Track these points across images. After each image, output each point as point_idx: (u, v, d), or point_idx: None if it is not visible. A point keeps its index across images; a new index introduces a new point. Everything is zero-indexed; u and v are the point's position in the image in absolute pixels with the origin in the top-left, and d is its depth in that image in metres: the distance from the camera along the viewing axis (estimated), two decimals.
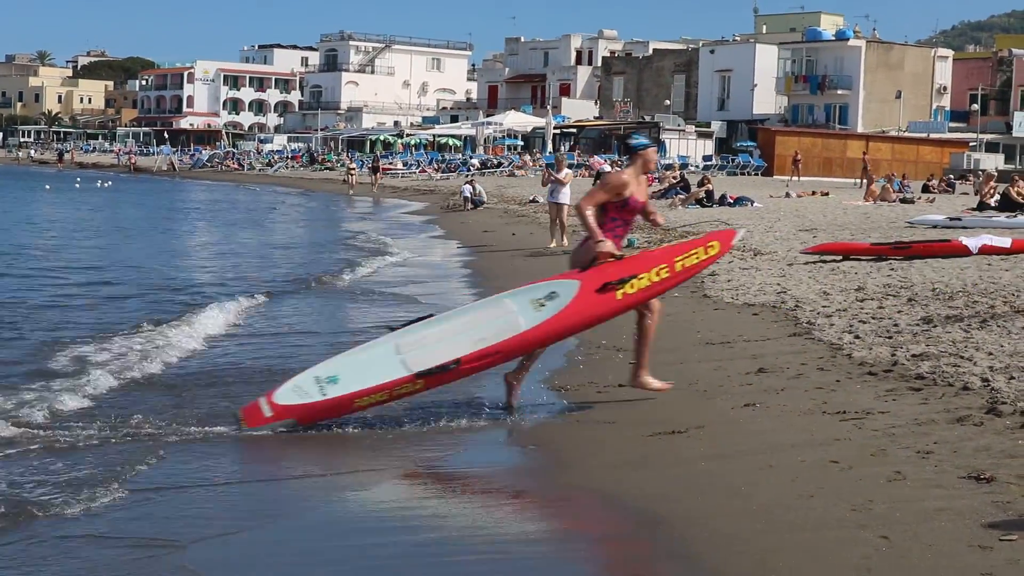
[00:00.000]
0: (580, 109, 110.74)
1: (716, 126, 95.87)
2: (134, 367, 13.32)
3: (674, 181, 47.00)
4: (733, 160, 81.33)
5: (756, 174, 76.76)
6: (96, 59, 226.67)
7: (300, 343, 15.76)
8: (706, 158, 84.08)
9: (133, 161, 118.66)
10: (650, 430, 10.13)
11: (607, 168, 43.76)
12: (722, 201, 41.97)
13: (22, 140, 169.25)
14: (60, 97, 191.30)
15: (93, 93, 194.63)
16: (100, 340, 15.09)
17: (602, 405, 11.41)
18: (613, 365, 13.24)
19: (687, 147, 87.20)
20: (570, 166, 73.53)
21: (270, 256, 31.08)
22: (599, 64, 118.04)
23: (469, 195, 48.53)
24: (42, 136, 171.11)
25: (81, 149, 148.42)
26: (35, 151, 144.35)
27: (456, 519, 8.26)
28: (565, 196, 28.72)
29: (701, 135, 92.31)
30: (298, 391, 10.54)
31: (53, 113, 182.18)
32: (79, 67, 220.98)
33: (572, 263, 11.34)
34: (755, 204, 41.86)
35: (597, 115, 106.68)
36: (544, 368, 13.52)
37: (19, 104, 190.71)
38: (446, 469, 9.71)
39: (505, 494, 8.92)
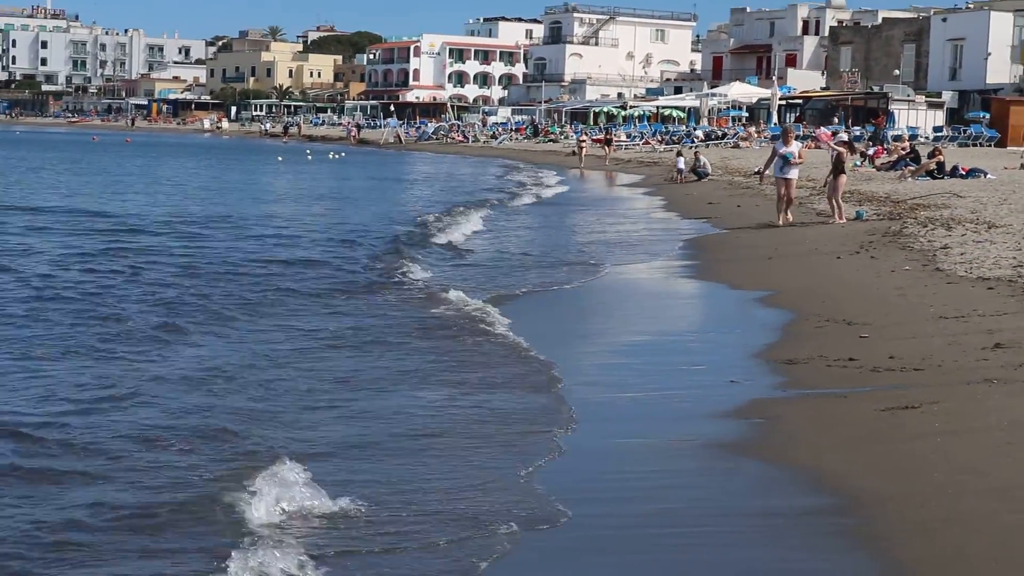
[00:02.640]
0: (806, 80, 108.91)
1: (947, 96, 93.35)
2: None
3: (904, 153, 45.98)
4: (964, 131, 79.17)
5: (989, 145, 74.60)
6: (325, 34, 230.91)
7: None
8: (936, 129, 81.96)
9: (355, 134, 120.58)
10: (882, 405, 9.94)
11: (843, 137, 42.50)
12: (953, 173, 40.88)
13: (254, 114, 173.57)
14: (290, 72, 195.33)
15: (322, 67, 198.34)
16: None
17: (832, 379, 11.24)
18: (841, 338, 13.02)
19: (917, 118, 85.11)
20: (796, 137, 72.87)
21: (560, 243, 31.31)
22: (826, 34, 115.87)
23: (683, 168, 48.22)
24: (273, 110, 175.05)
25: (311, 122, 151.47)
26: (270, 124, 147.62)
27: (682, 491, 8.27)
28: (793, 171, 26.99)
29: (931, 106, 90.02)
30: None
31: (284, 87, 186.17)
32: (309, 42, 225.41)
33: None
34: (988, 175, 40.69)
35: (824, 86, 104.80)
36: (770, 342, 13.41)
37: (252, 79, 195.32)
38: (670, 439, 9.67)
39: (725, 469, 8.85)
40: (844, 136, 48.34)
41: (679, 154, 52.18)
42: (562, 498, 8.05)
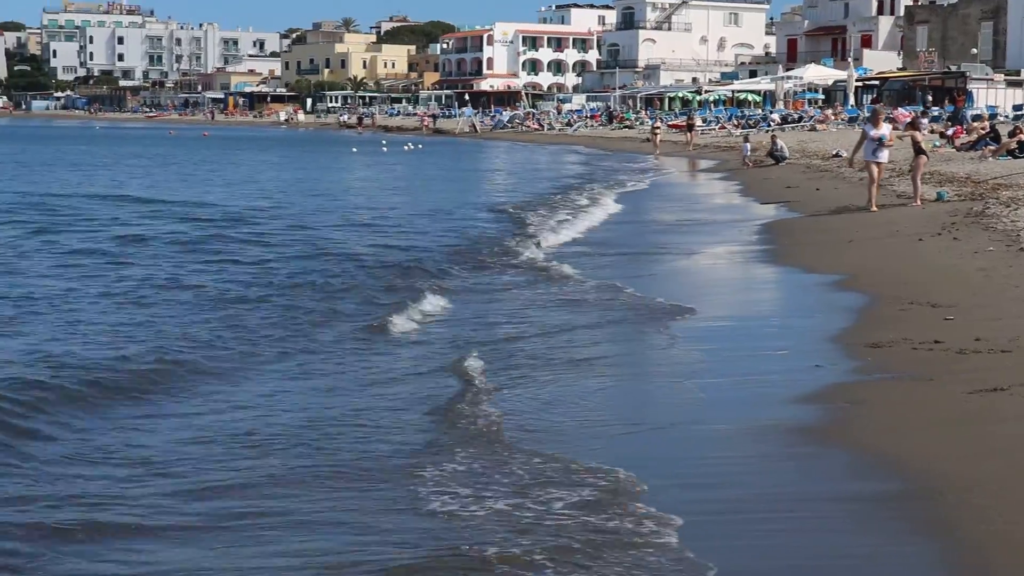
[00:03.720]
0: (882, 60, 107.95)
1: None
2: None
3: (983, 132, 45.50)
4: None
5: None
6: (399, 24, 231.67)
7: None
8: (1016, 107, 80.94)
9: (426, 124, 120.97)
10: (970, 387, 9.88)
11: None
12: None
13: (330, 106, 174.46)
14: (365, 63, 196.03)
15: (396, 58, 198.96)
16: None
17: (918, 362, 11.17)
18: (926, 320, 12.95)
19: (996, 97, 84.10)
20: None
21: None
22: (902, 13, 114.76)
23: (749, 153, 48.28)
24: (348, 101, 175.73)
25: (386, 113, 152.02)
26: (347, 116, 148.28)
27: (768, 475, 8.29)
28: (884, 154, 26.21)
29: (1011, 84, 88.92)
30: None
31: (358, 78, 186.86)
32: (382, 33, 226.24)
33: None
34: None
35: (900, 66, 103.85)
36: (853, 326, 13.37)
37: (326, 70, 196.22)
38: (756, 424, 9.68)
39: (811, 454, 8.84)
40: (907, 117, 47.89)
41: (746, 139, 52.11)
42: (646, 480, 8.09)
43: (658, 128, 70.75)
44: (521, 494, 7.83)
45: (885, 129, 26.59)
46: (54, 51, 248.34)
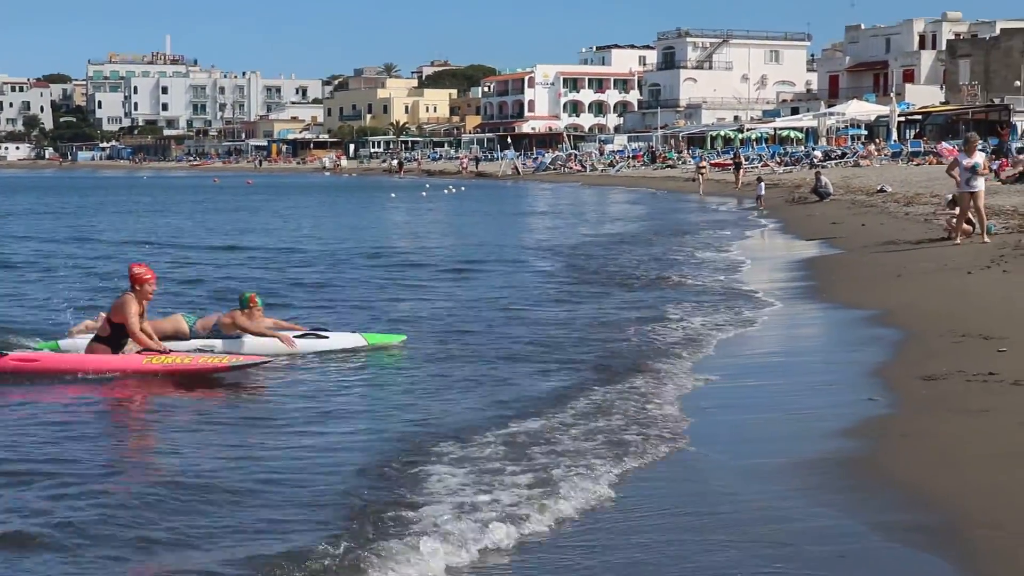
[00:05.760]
0: (925, 95, 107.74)
1: None
2: None
3: None
4: None
5: None
6: (440, 68, 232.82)
7: None
8: None
9: (465, 166, 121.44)
10: None
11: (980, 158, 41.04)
12: None
13: (372, 151, 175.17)
14: (407, 107, 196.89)
15: (438, 102, 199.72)
16: None
17: (972, 394, 11.14)
18: (979, 353, 12.91)
19: None
20: (915, 154, 72.09)
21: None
22: (943, 47, 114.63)
23: (763, 193, 48.84)
24: (391, 146, 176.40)
25: (428, 157, 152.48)
26: (393, 161, 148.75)
27: (826, 508, 8.28)
28: (979, 183, 25.09)
29: None
30: None
31: (400, 123, 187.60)
32: (424, 77, 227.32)
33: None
34: None
35: (943, 100, 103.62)
36: (907, 358, 13.33)
37: (368, 116, 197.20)
38: (812, 456, 9.67)
39: (870, 485, 8.83)
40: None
41: (759, 180, 52.27)
42: (714, 516, 8.09)
43: (703, 168, 70.40)
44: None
45: (979, 157, 25.55)
46: (99, 102, 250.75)
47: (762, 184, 50.70)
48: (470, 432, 10.71)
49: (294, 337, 15.42)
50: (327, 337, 15.69)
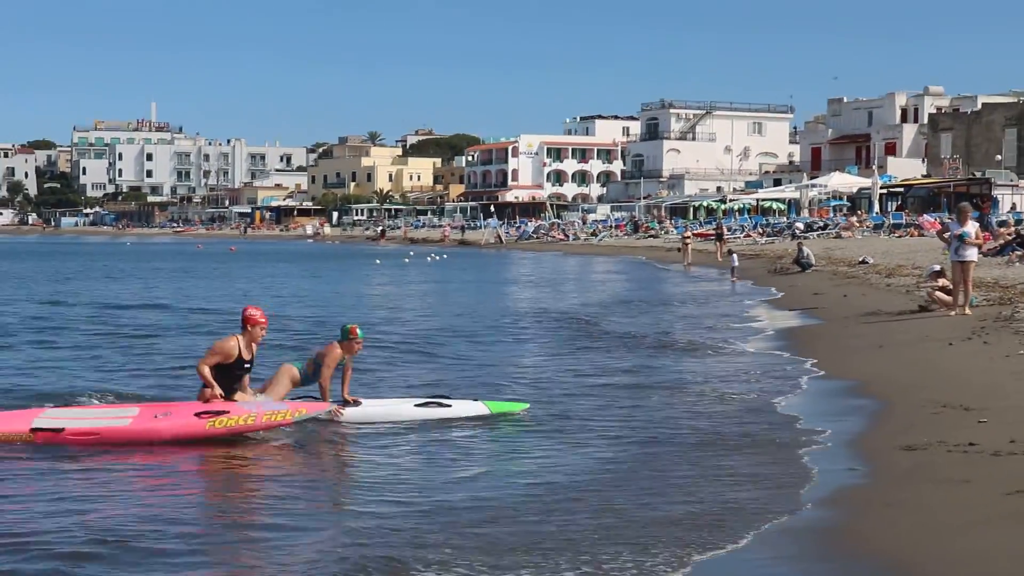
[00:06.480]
0: (906, 168, 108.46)
1: None
2: None
3: (1010, 238, 45.57)
4: None
5: None
6: (424, 137, 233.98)
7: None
8: None
9: (446, 234, 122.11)
10: (1008, 488, 9.87)
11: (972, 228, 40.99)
12: None
13: (355, 218, 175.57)
14: (391, 175, 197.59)
15: (422, 170, 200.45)
16: None
17: (954, 463, 11.16)
18: (960, 423, 12.94)
19: (1022, 202, 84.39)
20: (896, 226, 72.35)
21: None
22: (925, 121, 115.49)
23: (736, 264, 49.18)
24: (374, 214, 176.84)
25: (412, 225, 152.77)
26: (377, 228, 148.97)
27: None
28: (971, 254, 24.93)
29: None
30: None
31: (384, 191, 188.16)
32: (408, 146, 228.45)
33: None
34: None
35: (924, 173, 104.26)
36: (887, 429, 13.37)
37: (352, 184, 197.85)
38: (796, 527, 9.67)
39: (851, 553, 8.83)
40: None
41: (730, 252, 52.62)
42: None
43: (688, 238, 69.85)
44: None
45: (971, 227, 25.18)
46: (84, 168, 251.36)
47: (734, 256, 50.90)
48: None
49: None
50: (450, 406, 15.58)
